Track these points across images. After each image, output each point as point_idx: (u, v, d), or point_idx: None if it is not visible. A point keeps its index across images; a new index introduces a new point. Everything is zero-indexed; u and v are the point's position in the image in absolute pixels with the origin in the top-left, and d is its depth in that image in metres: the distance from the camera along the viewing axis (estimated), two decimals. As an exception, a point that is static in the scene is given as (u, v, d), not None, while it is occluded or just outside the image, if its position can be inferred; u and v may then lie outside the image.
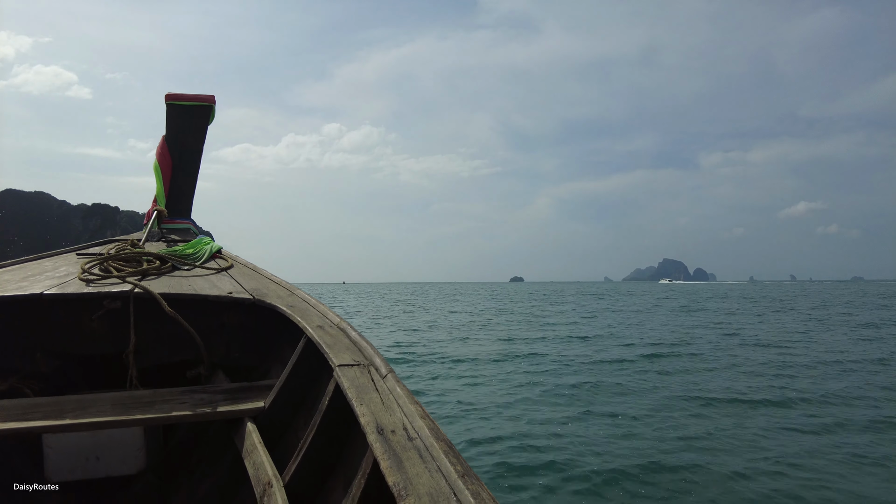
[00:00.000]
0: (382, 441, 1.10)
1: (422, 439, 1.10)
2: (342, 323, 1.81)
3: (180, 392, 1.69)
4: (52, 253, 2.55)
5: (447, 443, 1.09)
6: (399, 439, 1.11)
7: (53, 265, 2.30)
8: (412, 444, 1.09)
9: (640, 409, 6.96)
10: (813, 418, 6.54)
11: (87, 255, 2.48)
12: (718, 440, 5.63)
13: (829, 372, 9.75)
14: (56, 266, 2.28)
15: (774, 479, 4.53)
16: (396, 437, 1.12)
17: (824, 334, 16.31)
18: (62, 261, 2.39)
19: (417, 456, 1.04)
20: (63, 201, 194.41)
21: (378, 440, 1.10)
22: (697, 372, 9.84)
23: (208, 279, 2.24)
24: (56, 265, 2.30)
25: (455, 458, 1.02)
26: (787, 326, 19.12)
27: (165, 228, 3.05)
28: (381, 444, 1.09)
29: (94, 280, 2.00)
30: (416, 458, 1.03)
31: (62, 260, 2.41)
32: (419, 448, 1.07)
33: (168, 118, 3.06)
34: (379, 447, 1.08)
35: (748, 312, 27.41)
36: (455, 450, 1.07)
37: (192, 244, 2.65)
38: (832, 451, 5.29)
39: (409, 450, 1.07)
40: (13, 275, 2.11)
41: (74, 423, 1.44)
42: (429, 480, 0.96)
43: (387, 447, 1.08)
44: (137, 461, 1.72)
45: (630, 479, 4.51)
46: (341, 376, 1.41)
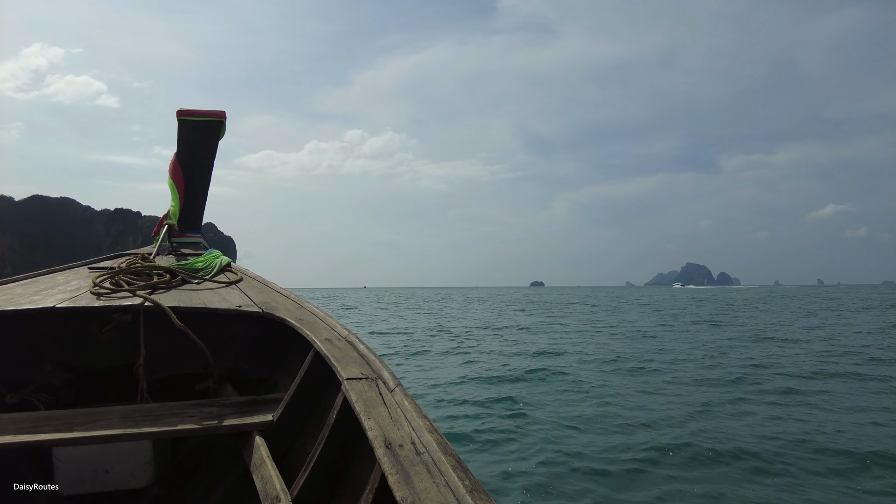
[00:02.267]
0: (390, 455, 1.09)
1: (430, 454, 1.09)
2: (350, 336, 1.81)
3: (189, 405, 1.70)
4: (64, 267, 2.59)
5: (455, 457, 1.08)
6: (407, 454, 1.10)
7: (65, 279, 2.33)
8: (420, 459, 1.08)
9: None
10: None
11: (98, 268, 2.52)
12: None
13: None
14: (68, 280, 2.31)
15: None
16: (404, 451, 1.11)
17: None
18: (74, 275, 2.43)
19: (426, 470, 1.03)
20: (87, 207, 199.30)
21: (386, 454, 1.10)
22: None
23: (218, 293, 2.25)
24: (68, 279, 2.33)
25: (463, 473, 1.01)
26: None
27: (176, 242, 3.10)
28: (389, 459, 1.08)
29: (105, 293, 2.02)
30: (425, 473, 1.03)
31: (74, 274, 2.45)
32: (427, 463, 1.06)
33: (179, 133, 3.11)
34: (387, 461, 1.07)
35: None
36: (463, 464, 1.06)
37: (203, 258, 2.68)
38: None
39: (418, 464, 1.06)
40: (26, 288, 2.14)
41: (84, 437, 1.45)
42: (437, 495, 0.96)
43: (395, 461, 1.07)
44: (146, 474, 1.72)
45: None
46: (349, 390, 1.40)
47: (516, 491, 4.25)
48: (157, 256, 2.72)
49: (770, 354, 12.03)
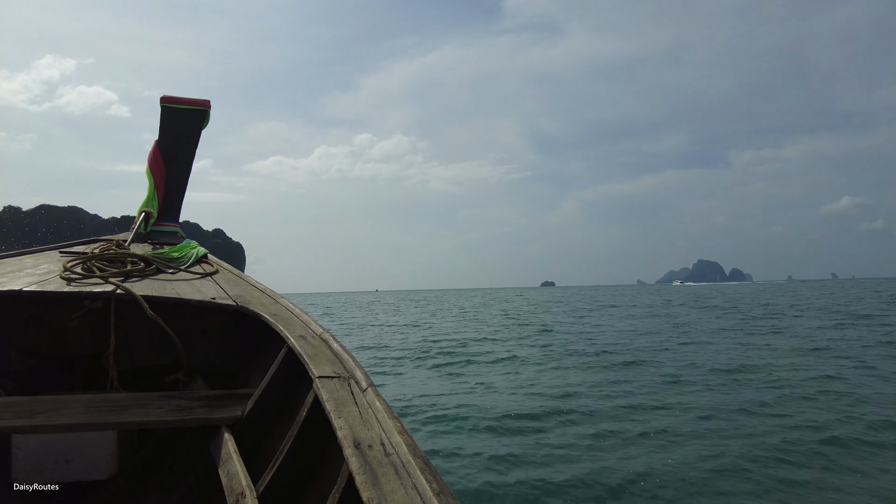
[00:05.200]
0: (359, 455, 1.07)
1: (399, 455, 1.07)
2: (325, 334, 1.77)
3: (157, 397, 1.66)
4: (33, 250, 2.53)
5: (424, 460, 1.05)
6: (376, 454, 1.08)
7: (34, 262, 2.27)
8: (389, 460, 1.06)
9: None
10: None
11: (70, 253, 2.46)
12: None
13: None
14: (37, 263, 2.25)
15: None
16: (373, 451, 1.09)
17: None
18: (44, 258, 2.36)
19: (393, 472, 1.01)
20: (95, 215, 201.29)
21: (354, 454, 1.07)
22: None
23: (192, 284, 2.20)
24: (37, 262, 2.27)
25: (431, 476, 0.99)
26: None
27: (152, 231, 3.04)
28: (357, 459, 1.06)
29: (76, 279, 1.97)
30: (392, 475, 1.00)
31: (44, 257, 2.38)
32: (396, 464, 1.04)
33: (162, 120, 3.06)
34: (355, 461, 1.05)
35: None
36: (432, 467, 1.04)
37: (178, 248, 2.63)
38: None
39: (386, 465, 1.04)
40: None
41: (45, 425, 1.41)
42: (403, 497, 0.94)
43: (363, 462, 1.05)
44: (109, 466, 1.67)
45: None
46: (321, 388, 1.37)
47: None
48: (131, 244, 2.66)
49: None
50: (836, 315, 20.91)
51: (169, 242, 2.92)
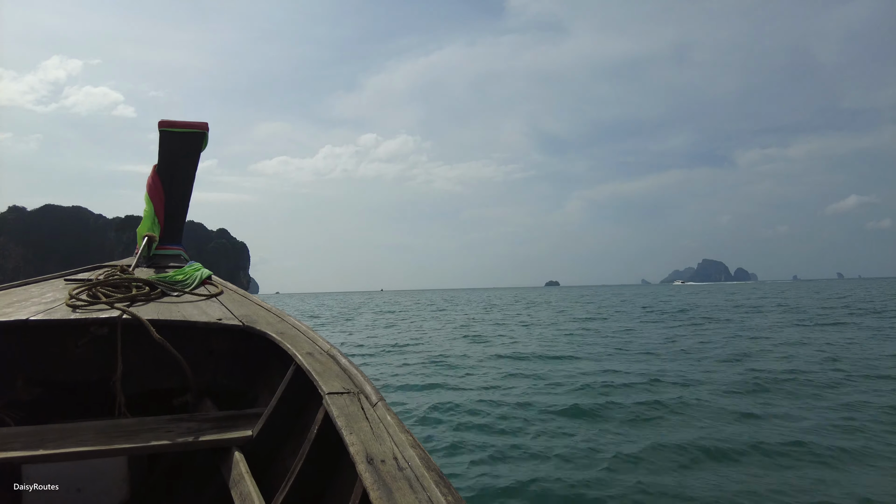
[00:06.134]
0: (372, 471, 1.08)
1: (412, 469, 1.08)
2: (332, 350, 1.78)
3: (166, 420, 1.67)
4: (39, 279, 2.55)
5: (438, 473, 1.06)
6: (389, 469, 1.09)
7: (40, 291, 2.29)
8: (402, 475, 1.07)
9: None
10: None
11: (75, 280, 2.48)
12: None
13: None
14: (43, 292, 2.27)
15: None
16: (386, 466, 1.10)
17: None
18: (49, 287, 2.38)
19: (408, 486, 1.02)
20: (99, 215, 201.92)
21: (368, 470, 1.08)
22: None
23: (198, 305, 2.22)
24: (43, 291, 2.29)
25: (446, 489, 1.00)
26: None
27: (156, 255, 3.06)
28: (370, 474, 1.07)
29: (82, 306, 1.98)
30: (407, 489, 1.01)
31: (49, 286, 2.40)
32: (409, 478, 1.05)
33: (161, 144, 3.09)
34: (368, 477, 1.06)
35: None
36: (446, 480, 1.04)
37: (182, 270, 2.65)
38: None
39: (400, 480, 1.05)
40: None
41: (55, 454, 1.41)
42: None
43: (376, 477, 1.06)
44: (121, 492, 1.69)
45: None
46: (331, 404, 1.38)
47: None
48: (136, 269, 2.68)
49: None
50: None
51: (173, 266, 2.94)
